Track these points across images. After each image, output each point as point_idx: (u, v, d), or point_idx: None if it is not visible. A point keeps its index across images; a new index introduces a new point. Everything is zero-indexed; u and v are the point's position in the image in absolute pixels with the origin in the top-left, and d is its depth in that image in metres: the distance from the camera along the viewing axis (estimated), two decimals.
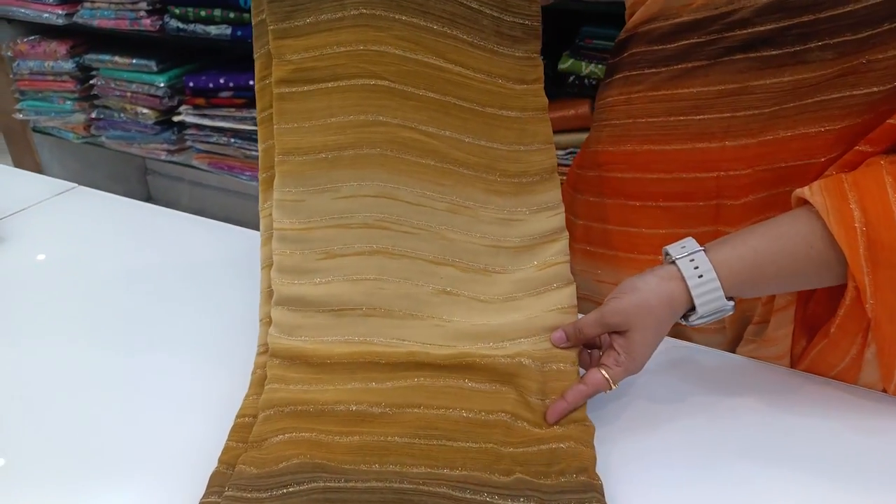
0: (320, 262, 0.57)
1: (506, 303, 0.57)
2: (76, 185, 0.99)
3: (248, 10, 1.75)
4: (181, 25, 1.74)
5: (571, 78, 1.43)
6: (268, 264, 0.61)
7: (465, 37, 0.57)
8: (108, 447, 0.52)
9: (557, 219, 0.59)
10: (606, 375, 0.51)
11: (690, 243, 0.52)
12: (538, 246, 0.58)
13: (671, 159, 0.60)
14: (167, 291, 0.73)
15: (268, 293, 0.60)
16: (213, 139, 1.84)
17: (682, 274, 0.50)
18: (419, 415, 0.50)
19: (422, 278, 0.57)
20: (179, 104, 1.87)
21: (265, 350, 0.57)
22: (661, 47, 0.60)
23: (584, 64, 1.40)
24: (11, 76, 2.04)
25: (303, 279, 0.57)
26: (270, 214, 0.59)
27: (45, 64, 1.96)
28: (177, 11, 1.73)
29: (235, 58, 1.82)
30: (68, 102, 2.00)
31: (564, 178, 0.69)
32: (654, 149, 0.61)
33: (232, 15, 1.69)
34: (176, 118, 1.86)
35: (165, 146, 1.93)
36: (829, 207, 0.49)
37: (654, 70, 0.61)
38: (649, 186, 0.62)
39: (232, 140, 1.81)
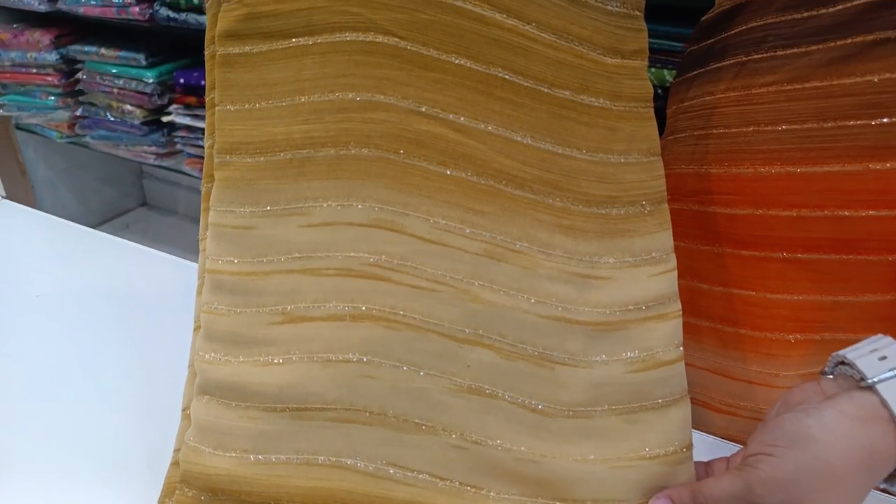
0: (274, 329, 0.36)
1: (575, 420, 0.35)
2: (2, 197, 0.81)
3: None
4: (172, 14, 1.55)
5: None
6: (198, 325, 0.40)
7: None
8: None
9: (667, 279, 0.37)
10: None
11: (890, 347, 0.30)
12: (634, 324, 0.36)
13: (823, 188, 0.38)
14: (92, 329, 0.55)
15: (194, 372, 0.39)
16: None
17: (891, 411, 0.28)
18: None
19: (436, 364, 0.36)
20: (170, 103, 1.68)
21: (178, 462, 0.36)
22: (808, 14, 0.38)
23: None
24: None
25: (244, 354, 0.36)
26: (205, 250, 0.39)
27: (28, 55, 1.78)
28: None
29: None
30: (51, 98, 1.81)
31: None
32: (791, 171, 0.40)
33: None
34: (165, 118, 1.67)
35: (154, 149, 1.74)
36: None
37: (795, 50, 0.39)
38: (779, 228, 0.41)
39: None
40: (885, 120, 0.35)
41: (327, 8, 0.34)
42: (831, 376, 0.33)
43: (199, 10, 1.53)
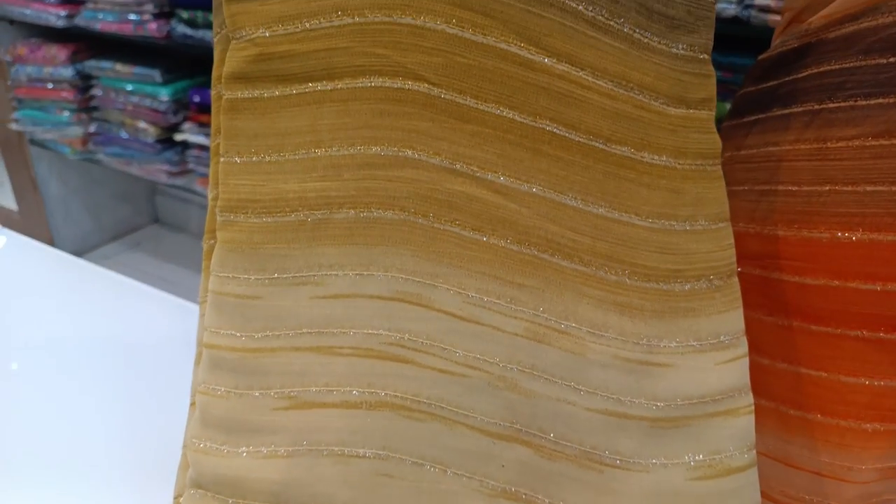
0: (279, 416, 0.31)
1: None
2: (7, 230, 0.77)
3: None
4: (189, 32, 1.53)
5: None
6: (195, 401, 0.35)
7: (580, 7, 0.29)
8: None
9: (738, 367, 0.31)
10: None
11: None
12: (699, 421, 0.31)
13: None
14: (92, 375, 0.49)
15: (187, 460, 0.34)
16: None
17: None
18: None
19: (466, 463, 0.30)
20: (184, 120, 1.66)
21: None
22: None
23: None
24: (9, 83, 1.86)
25: (244, 444, 0.31)
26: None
27: (44, 70, 1.76)
28: (185, 16, 1.52)
29: None
30: (66, 113, 1.80)
31: None
32: (876, 238, 0.34)
33: None
34: (178, 137, 1.64)
35: (167, 167, 1.71)
36: None
37: (881, 101, 0.34)
38: (859, 303, 0.35)
39: None
40: None
41: (349, 49, 0.29)
42: None
43: None
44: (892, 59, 0.34)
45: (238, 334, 0.32)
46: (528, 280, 0.30)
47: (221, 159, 0.32)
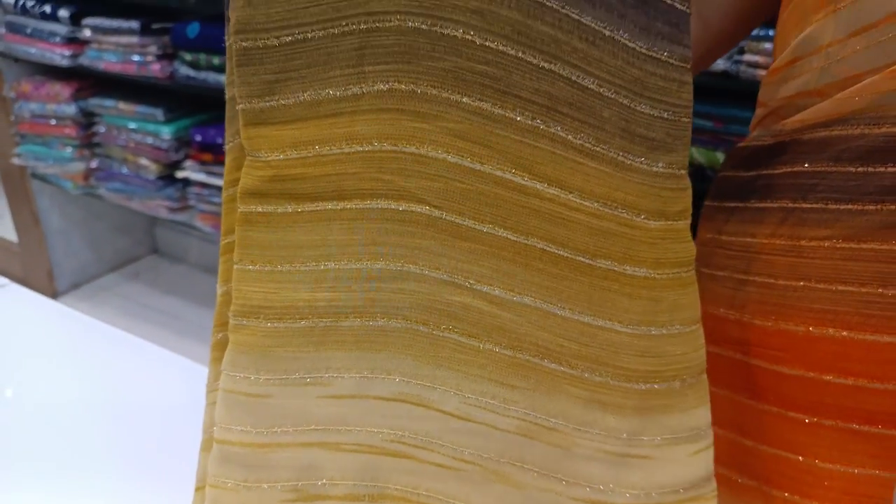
0: None
1: None
2: (7, 281, 0.78)
3: None
4: (192, 73, 1.56)
5: None
6: (202, 484, 0.37)
7: (569, 136, 0.32)
8: None
9: (705, 457, 0.34)
10: None
11: None
12: (672, 494, 0.33)
13: (886, 359, 0.35)
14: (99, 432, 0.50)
15: None
16: (219, 199, 1.64)
17: None
18: None
19: None
20: (185, 158, 1.68)
21: None
22: (864, 170, 0.36)
23: None
24: (12, 118, 1.88)
25: None
26: (215, 402, 0.36)
27: (47, 107, 1.79)
28: (188, 58, 1.55)
29: None
30: (68, 149, 1.82)
31: None
32: (849, 336, 0.36)
33: None
34: (180, 174, 1.67)
35: (168, 203, 1.74)
36: None
37: (850, 207, 0.36)
38: (833, 395, 0.37)
39: None
40: None
41: (358, 174, 0.32)
42: None
43: (219, 70, 1.54)
44: (860, 169, 0.36)
45: (249, 430, 0.33)
46: (520, 382, 0.33)
47: (235, 266, 0.34)
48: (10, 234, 2.16)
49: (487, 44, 0.30)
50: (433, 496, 0.33)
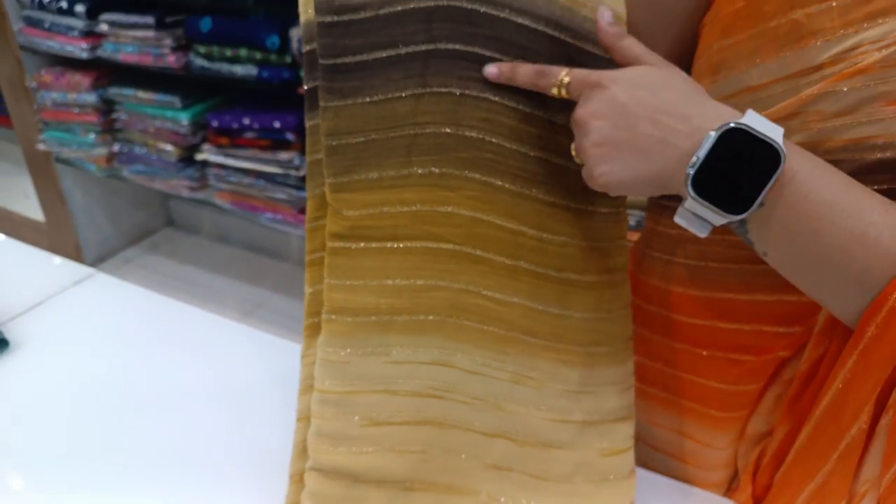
0: (363, 430, 0.51)
1: (561, 484, 0.51)
2: (94, 270, 0.94)
3: (275, 52, 1.69)
4: (206, 64, 1.70)
5: None
6: (304, 416, 0.55)
7: (546, 196, 0.50)
8: None
9: (628, 394, 0.53)
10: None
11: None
12: (605, 424, 0.52)
13: (755, 311, 0.53)
14: (196, 415, 0.68)
15: (301, 448, 0.54)
16: (236, 179, 1.80)
17: (729, 116, 0.41)
18: None
19: (472, 451, 0.51)
20: (202, 140, 1.83)
21: None
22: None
23: None
24: (35, 107, 2.02)
25: (342, 447, 0.51)
26: (312, 363, 0.54)
27: (69, 96, 1.92)
28: (202, 50, 1.69)
29: (261, 97, 1.77)
30: (91, 135, 1.96)
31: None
32: (733, 297, 0.55)
33: (258, 55, 1.63)
34: (199, 157, 1.82)
35: (187, 183, 1.89)
36: None
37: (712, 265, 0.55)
38: (724, 336, 0.56)
39: (256, 181, 1.77)
40: None
41: (407, 225, 0.49)
42: None
43: (232, 61, 1.67)
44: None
45: (336, 382, 0.52)
46: (511, 349, 0.52)
47: (326, 280, 0.52)
48: (37, 214, 2.31)
49: (492, 140, 0.48)
50: (457, 421, 0.51)
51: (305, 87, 0.53)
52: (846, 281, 0.41)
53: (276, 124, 1.66)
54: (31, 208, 2.33)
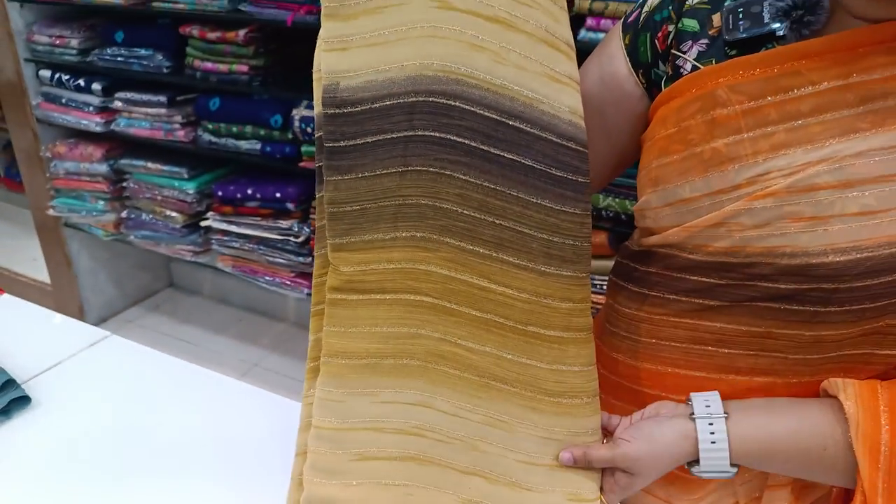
0: (353, 464, 0.59)
1: None
2: (108, 333, 1.02)
3: (278, 129, 1.80)
4: (213, 139, 1.82)
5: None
6: (302, 451, 0.63)
7: (512, 259, 0.58)
8: None
9: (596, 444, 0.60)
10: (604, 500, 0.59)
11: (715, 403, 0.58)
12: (572, 471, 0.60)
13: (699, 385, 0.61)
14: (200, 465, 0.76)
15: (298, 481, 0.62)
16: (238, 244, 1.89)
17: (697, 436, 0.56)
18: None
19: (450, 486, 0.59)
20: (207, 208, 1.93)
21: None
22: (680, 276, 0.62)
23: (601, 197, 1.44)
24: (48, 175, 2.12)
25: (334, 479, 0.59)
26: (311, 403, 0.62)
27: (81, 165, 2.03)
28: (210, 126, 1.81)
29: (264, 170, 1.88)
30: (100, 202, 2.07)
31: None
32: (680, 373, 0.63)
33: (262, 132, 1.76)
34: (203, 223, 1.92)
35: (191, 248, 1.99)
36: (859, 420, 0.52)
37: (675, 297, 0.63)
38: (669, 390, 0.64)
39: (257, 247, 1.86)
40: (728, 351, 0.59)
41: (394, 280, 0.59)
42: (684, 404, 0.59)
43: (237, 137, 1.79)
44: (687, 277, 0.62)
45: (332, 420, 0.60)
46: (483, 394, 0.60)
47: (325, 328, 0.60)
48: (44, 276, 2.39)
49: (464, 212, 0.58)
50: (435, 458, 0.59)
51: (316, 166, 0.62)
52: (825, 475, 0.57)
53: (278, 195, 1.77)
54: (39, 270, 2.42)
